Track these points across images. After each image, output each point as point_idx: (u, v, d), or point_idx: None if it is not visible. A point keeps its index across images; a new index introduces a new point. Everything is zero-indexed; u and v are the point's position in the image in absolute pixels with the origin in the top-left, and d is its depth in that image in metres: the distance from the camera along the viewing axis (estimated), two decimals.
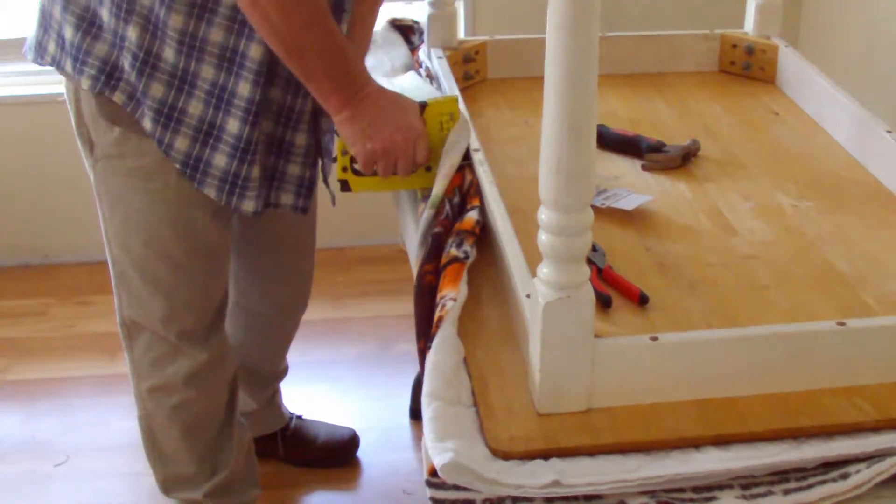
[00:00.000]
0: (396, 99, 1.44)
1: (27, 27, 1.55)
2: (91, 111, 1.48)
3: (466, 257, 1.24)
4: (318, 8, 1.35)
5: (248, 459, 1.87)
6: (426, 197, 1.38)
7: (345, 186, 1.50)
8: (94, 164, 1.53)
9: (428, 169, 1.46)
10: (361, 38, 1.57)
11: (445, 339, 1.12)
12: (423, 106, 1.45)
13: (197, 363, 1.65)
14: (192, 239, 1.55)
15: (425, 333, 1.19)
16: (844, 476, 1.02)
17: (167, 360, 1.65)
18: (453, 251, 1.24)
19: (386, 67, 1.79)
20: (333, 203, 1.66)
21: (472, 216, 1.32)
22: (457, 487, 1.00)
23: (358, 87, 1.40)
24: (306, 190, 1.55)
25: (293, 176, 1.53)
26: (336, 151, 1.49)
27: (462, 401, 1.08)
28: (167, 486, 1.79)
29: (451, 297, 1.17)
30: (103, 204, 1.55)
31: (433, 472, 1.00)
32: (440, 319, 1.14)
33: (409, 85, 1.67)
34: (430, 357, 1.11)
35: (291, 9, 1.31)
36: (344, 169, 1.48)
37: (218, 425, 1.75)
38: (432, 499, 1.01)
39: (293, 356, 2.09)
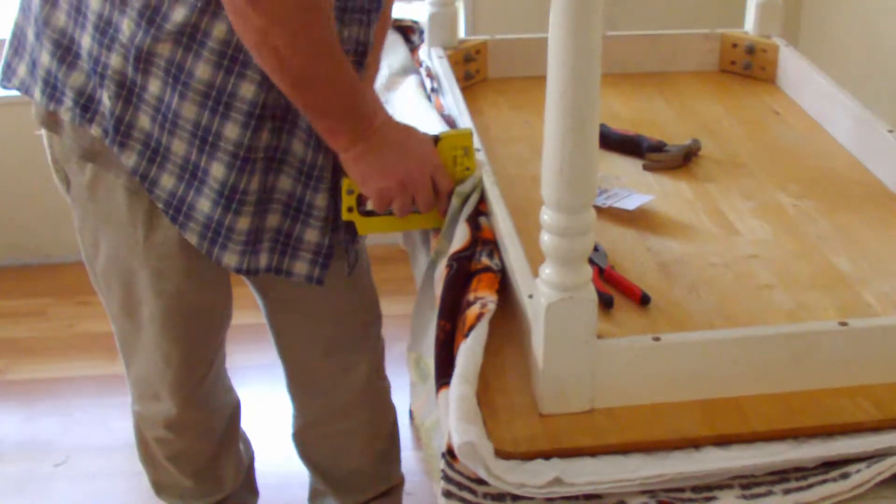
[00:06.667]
0: (408, 130, 1.34)
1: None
2: (63, 146, 1.39)
3: (500, 270, 1.24)
4: (327, 38, 1.23)
5: (248, 476, 1.86)
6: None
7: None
8: (71, 203, 1.46)
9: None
10: (373, 63, 1.47)
11: (481, 335, 1.12)
12: (435, 139, 1.37)
13: (170, 416, 1.60)
14: (167, 297, 1.43)
15: (450, 316, 1.18)
16: (845, 476, 1.02)
17: (149, 399, 1.61)
18: (485, 260, 1.24)
19: (383, 73, 1.75)
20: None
21: (487, 223, 1.32)
22: (463, 474, 1.01)
23: (367, 120, 1.29)
24: (324, 258, 1.39)
25: (310, 242, 1.38)
26: (341, 190, 1.36)
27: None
28: (158, 488, 1.78)
29: (491, 299, 1.17)
30: (85, 244, 1.48)
31: (450, 450, 1.01)
32: (481, 315, 1.14)
33: (401, 105, 1.63)
34: (468, 343, 1.10)
35: (302, 40, 1.20)
36: (349, 209, 1.36)
37: (208, 456, 1.72)
38: (443, 472, 1.02)
39: None
